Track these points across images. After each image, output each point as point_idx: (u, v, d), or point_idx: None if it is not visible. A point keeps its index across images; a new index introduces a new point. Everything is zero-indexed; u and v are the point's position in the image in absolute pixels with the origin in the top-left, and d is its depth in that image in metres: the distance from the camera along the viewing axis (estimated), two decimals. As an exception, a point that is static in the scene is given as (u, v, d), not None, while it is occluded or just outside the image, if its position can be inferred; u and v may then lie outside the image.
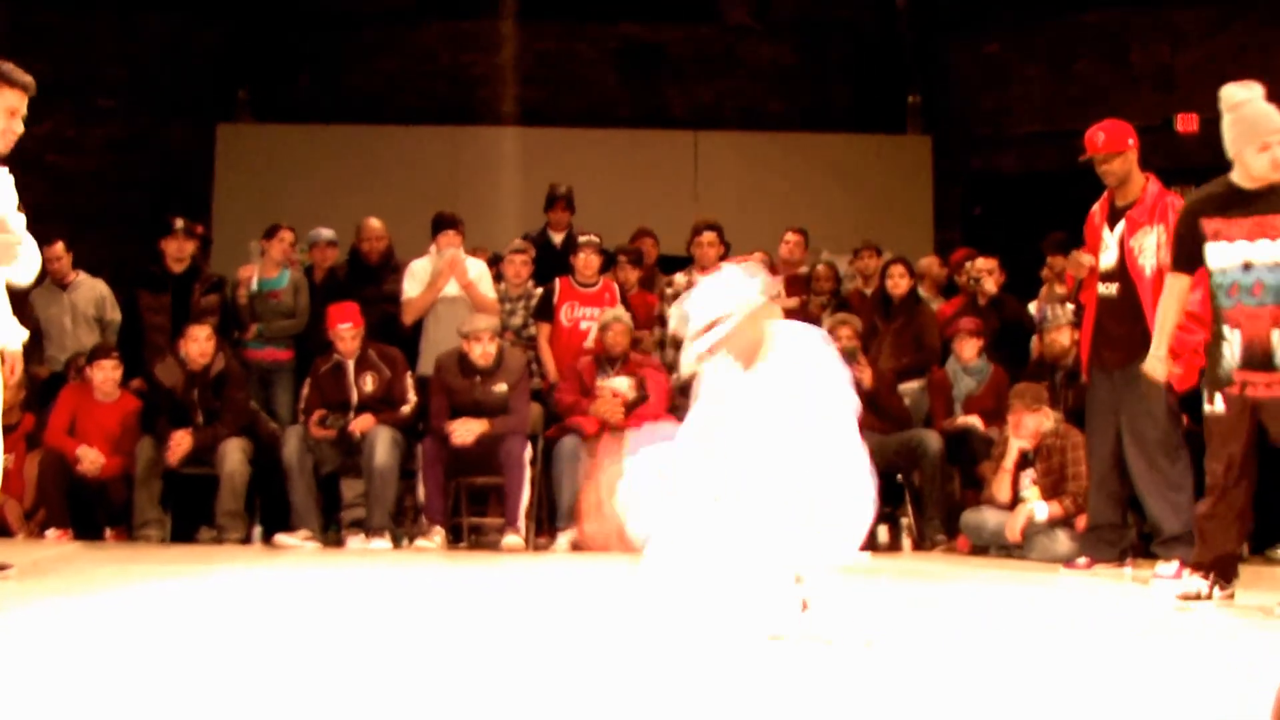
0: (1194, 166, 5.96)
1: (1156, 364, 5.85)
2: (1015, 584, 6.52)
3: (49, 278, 9.47)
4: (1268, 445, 5.47)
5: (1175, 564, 6.36)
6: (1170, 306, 5.80)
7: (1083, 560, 7.05)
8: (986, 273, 9.61)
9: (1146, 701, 3.16)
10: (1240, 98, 5.50)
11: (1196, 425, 6.52)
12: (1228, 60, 12.28)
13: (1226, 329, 5.43)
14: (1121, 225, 6.57)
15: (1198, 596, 5.50)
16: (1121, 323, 6.58)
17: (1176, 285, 5.75)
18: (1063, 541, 7.63)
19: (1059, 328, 8.58)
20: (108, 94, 13.11)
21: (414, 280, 9.31)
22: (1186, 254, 5.63)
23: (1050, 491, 7.85)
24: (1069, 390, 8.35)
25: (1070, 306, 8.64)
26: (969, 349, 9.03)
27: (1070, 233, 8.58)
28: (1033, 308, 9.65)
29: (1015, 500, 7.97)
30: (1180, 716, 2.97)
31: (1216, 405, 5.53)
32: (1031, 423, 7.92)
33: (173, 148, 13.28)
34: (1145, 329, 6.37)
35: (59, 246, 9.51)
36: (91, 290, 9.71)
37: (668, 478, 4.12)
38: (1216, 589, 5.51)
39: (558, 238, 10.36)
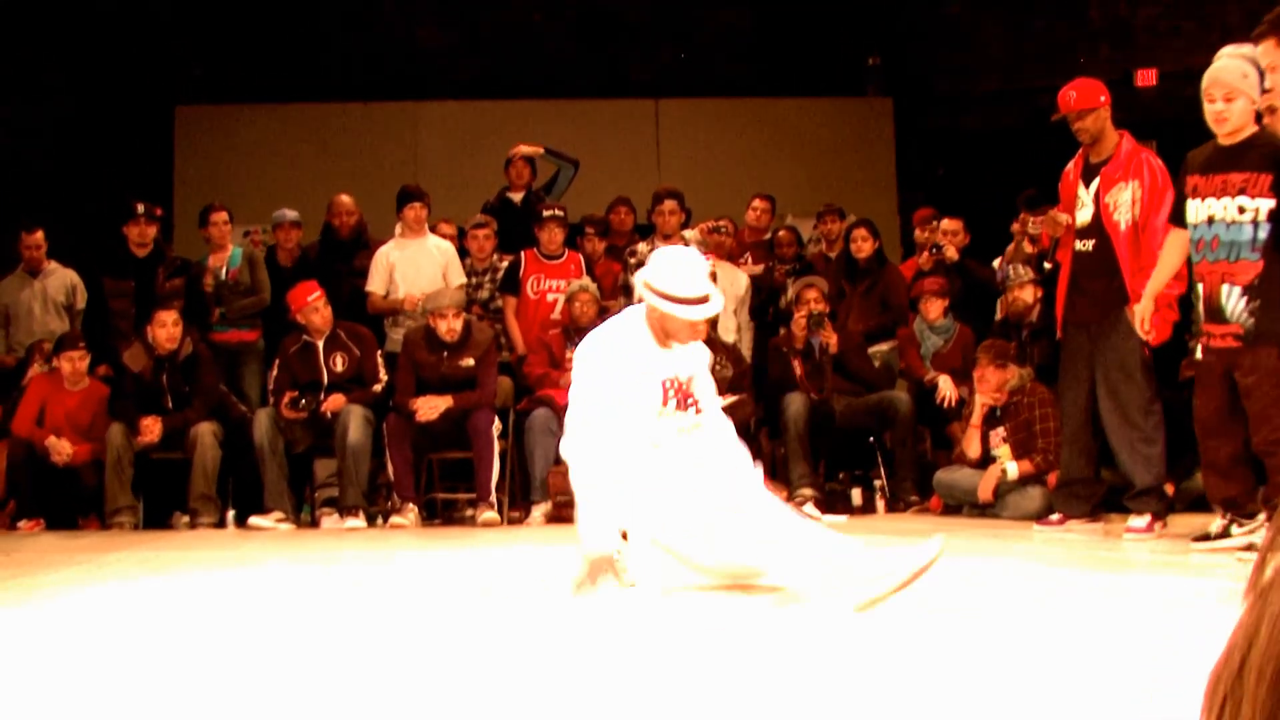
0: (1153, 121, 5.97)
1: (1146, 306, 6.00)
2: (990, 542, 6.55)
3: (22, 265, 9.51)
4: None
5: (1147, 518, 6.43)
6: (1166, 259, 5.93)
7: (1055, 516, 7.10)
8: (950, 235, 9.63)
9: (1121, 652, 3.19)
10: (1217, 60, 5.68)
11: (1165, 387, 6.65)
12: (1184, 15, 12.32)
13: (1198, 284, 5.65)
14: (1096, 182, 6.61)
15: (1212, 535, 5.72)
16: (1097, 278, 6.62)
17: (1174, 239, 5.88)
18: (1035, 498, 7.70)
19: (1021, 286, 8.62)
20: (62, 75, 12.96)
21: (378, 271, 9.33)
22: (1179, 209, 5.81)
23: (1020, 449, 7.91)
24: (1034, 347, 8.40)
25: (1029, 267, 8.70)
26: (934, 309, 9.07)
27: (1037, 188, 8.62)
28: (997, 264, 9.69)
29: (985, 457, 8.03)
30: (1157, 668, 2.99)
31: (1198, 355, 5.82)
32: (995, 378, 7.96)
33: (130, 131, 13.14)
34: (1121, 284, 6.50)
35: (39, 235, 9.55)
36: (63, 279, 9.68)
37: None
38: (1234, 525, 5.67)
39: (516, 197, 10.31)
